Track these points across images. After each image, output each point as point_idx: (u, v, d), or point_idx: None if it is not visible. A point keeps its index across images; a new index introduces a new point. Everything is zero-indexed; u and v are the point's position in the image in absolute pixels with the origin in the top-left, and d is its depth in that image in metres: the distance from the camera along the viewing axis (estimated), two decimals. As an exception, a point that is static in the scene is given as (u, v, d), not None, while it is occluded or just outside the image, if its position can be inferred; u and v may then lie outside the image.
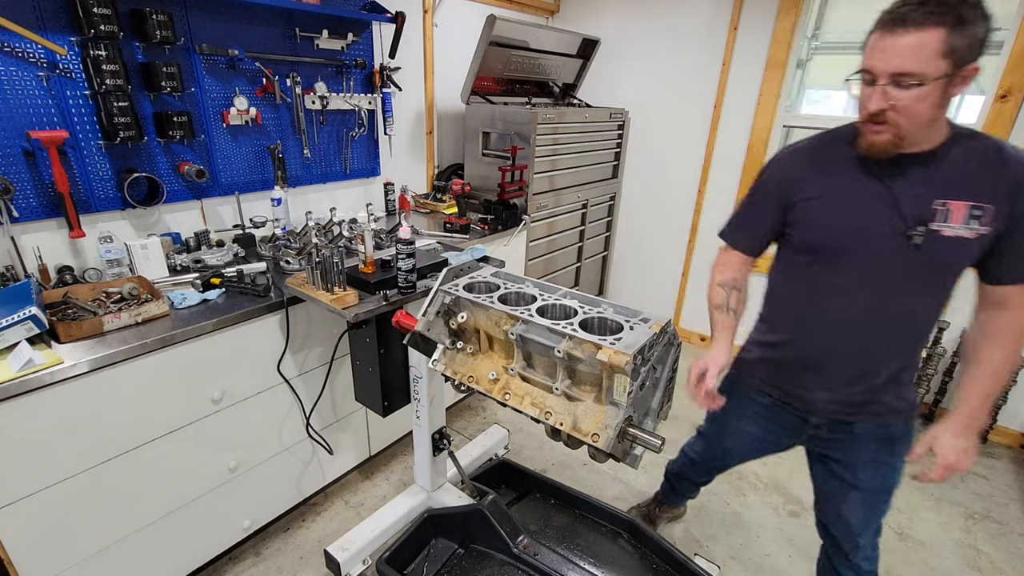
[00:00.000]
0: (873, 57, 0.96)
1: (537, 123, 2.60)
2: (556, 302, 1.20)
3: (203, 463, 1.60)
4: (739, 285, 1.33)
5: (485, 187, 2.77)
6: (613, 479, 2.28)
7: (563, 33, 3.08)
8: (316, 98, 2.21)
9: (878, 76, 0.95)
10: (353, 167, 2.51)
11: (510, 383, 1.17)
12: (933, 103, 0.94)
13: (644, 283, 3.65)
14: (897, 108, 0.95)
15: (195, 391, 1.52)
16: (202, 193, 2.00)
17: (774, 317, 1.33)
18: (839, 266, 1.12)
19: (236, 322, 1.54)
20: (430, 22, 2.71)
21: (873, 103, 0.97)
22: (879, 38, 0.95)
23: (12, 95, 1.51)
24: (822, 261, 1.15)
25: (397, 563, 1.65)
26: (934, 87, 0.92)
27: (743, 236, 1.33)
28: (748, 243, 1.32)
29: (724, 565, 1.88)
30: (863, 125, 1.03)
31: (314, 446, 1.93)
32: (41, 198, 1.61)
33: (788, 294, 1.27)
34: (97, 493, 1.38)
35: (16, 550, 1.26)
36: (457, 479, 2.01)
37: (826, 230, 1.13)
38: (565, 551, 1.70)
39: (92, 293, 1.52)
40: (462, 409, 2.72)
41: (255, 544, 1.90)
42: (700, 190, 3.22)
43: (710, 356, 1.24)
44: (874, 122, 0.99)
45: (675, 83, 3.15)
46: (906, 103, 0.94)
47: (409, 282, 1.61)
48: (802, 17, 2.70)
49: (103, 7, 1.52)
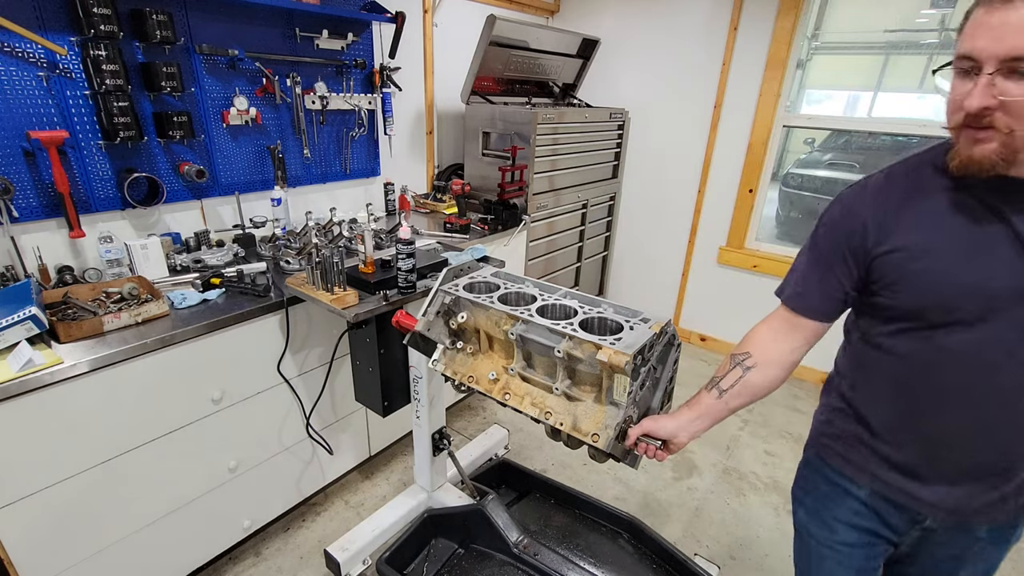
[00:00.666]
0: (977, 37, 0.71)
1: (537, 123, 2.60)
2: (556, 302, 1.20)
3: (203, 463, 1.60)
4: (752, 363, 1.00)
5: (485, 187, 2.77)
6: (613, 479, 2.28)
7: (563, 33, 3.08)
8: (316, 98, 2.21)
9: (983, 63, 0.71)
10: (353, 167, 2.51)
11: (510, 383, 1.17)
12: None
13: (644, 283, 3.65)
14: (1008, 107, 0.70)
15: (195, 391, 1.52)
16: (202, 193, 2.00)
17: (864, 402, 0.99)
18: (952, 338, 0.84)
19: (236, 322, 1.54)
20: (430, 22, 2.71)
21: (975, 99, 0.72)
22: (986, 13, 0.71)
23: (12, 95, 1.50)
24: (925, 332, 0.86)
25: (397, 563, 1.65)
26: None
27: (810, 295, 0.97)
28: (815, 303, 0.97)
29: (724, 565, 1.88)
30: (958, 132, 0.77)
31: (314, 446, 1.93)
32: (41, 198, 1.61)
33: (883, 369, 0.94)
34: (97, 493, 1.38)
35: (16, 550, 1.26)
36: (457, 479, 2.01)
37: (923, 292, 0.84)
38: (565, 551, 1.70)
39: (92, 293, 1.52)
40: (462, 409, 2.72)
41: (255, 544, 1.90)
42: (700, 190, 3.22)
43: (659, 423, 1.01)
44: (975, 127, 0.74)
45: (675, 83, 3.15)
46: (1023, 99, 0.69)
47: (409, 282, 1.61)
48: (802, 17, 2.70)
49: (103, 7, 1.52)
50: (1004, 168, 0.74)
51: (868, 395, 0.98)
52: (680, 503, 2.17)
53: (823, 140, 4.20)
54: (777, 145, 2.94)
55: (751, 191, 3.02)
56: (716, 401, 1.00)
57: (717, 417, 1.01)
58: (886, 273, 0.87)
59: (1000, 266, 0.78)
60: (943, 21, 2.56)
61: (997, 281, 0.78)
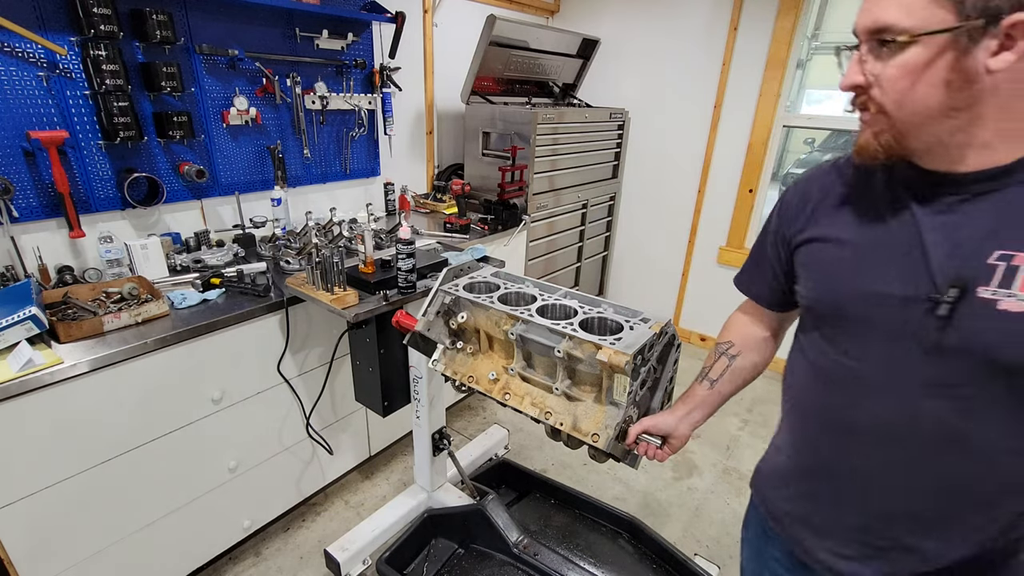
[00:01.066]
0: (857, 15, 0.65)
1: (537, 123, 2.60)
2: (556, 302, 1.20)
3: (203, 463, 1.60)
4: (736, 351, 0.98)
5: (485, 187, 2.77)
6: (613, 479, 2.28)
7: (563, 33, 3.08)
8: (316, 98, 2.21)
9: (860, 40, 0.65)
10: (353, 167, 2.51)
11: (510, 383, 1.17)
12: (939, 78, 0.59)
13: (644, 283, 3.65)
14: (881, 84, 0.63)
15: (195, 391, 1.52)
16: (202, 193, 2.00)
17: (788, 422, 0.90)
18: (853, 345, 0.74)
19: (236, 322, 1.54)
20: (430, 22, 2.71)
21: (845, 77, 0.67)
22: None
23: (12, 95, 1.50)
24: (828, 336, 0.78)
25: (397, 563, 1.65)
26: (932, 50, 0.58)
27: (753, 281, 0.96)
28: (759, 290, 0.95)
29: (724, 565, 1.88)
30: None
31: (314, 446, 1.93)
32: (41, 198, 1.61)
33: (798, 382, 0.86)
34: (97, 493, 1.38)
35: (16, 550, 1.26)
36: (457, 479, 2.01)
37: (825, 288, 0.77)
38: (565, 551, 1.70)
39: (92, 293, 1.52)
40: (462, 409, 2.72)
41: (255, 544, 1.90)
42: (700, 190, 3.22)
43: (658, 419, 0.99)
44: (860, 109, 0.68)
45: (675, 83, 3.15)
46: (890, 74, 0.61)
47: (409, 282, 1.61)
48: (802, 17, 2.69)
49: (103, 7, 1.52)
50: (897, 153, 0.66)
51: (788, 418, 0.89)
52: (680, 503, 2.17)
53: (823, 140, 4.19)
54: (777, 145, 2.93)
55: (751, 191, 3.03)
56: (708, 392, 0.98)
57: (712, 405, 0.99)
58: (800, 262, 0.82)
59: (893, 270, 0.68)
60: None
61: (885, 287, 0.69)
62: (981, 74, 0.57)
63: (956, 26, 0.56)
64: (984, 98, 0.59)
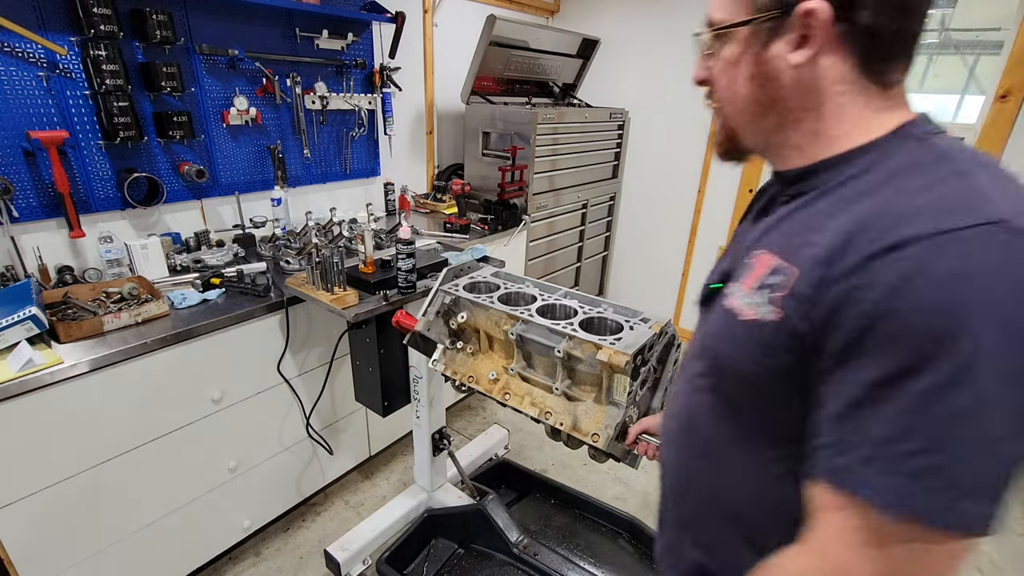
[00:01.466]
0: None
1: (537, 123, 2.60)
2: (556, 302, 1.20)
3: (203, 463, 1.60)
4: None
5: (485, 187, 2.77)
6: (613, 479, 2.28)
7: (563, 33, 3.08)
8: (316, 98, 2.21)
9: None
10: (353, 167, 2.51)
11: (510, 383, 1.18)
12: (748, 72, 0.58)
13: (644, 283, 3.65)
14: (713, 78, 0.63)
15: (195, 391, 1.52)
16: (202, 193, 2.00)
17: None
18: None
19: (236, 322, 1.54)
20: (430, 22, 2.71)
21: (694, 72, 0.66)
22: None
23: (12, 95, 1.50)
24: None
25: (397, 563, 1.65)
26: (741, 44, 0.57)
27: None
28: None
29: (724, 565, 1.87)
30: None
31: (314, 446, 1.93)
32: (41, 198, 1.61)
33: None
34: (97, 493, 1.38)
35: (16, 550, 1.26)
36: (457, 479, 2.01)
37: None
38: (565, 551, 1.70)
39: (92, 293, 1.52)
40: (462, 409, 2.72)
41: (255, 544, 1.90)
42: (700, 190, 3.22)
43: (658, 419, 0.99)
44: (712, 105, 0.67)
45: (675, 83, 3.14)
46: (716, 69, 0.62)
47: (409, 282, 1.61)
48: (802, 17, 2.69)
49: (103, 7, 1.52)
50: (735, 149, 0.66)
51: None
52: (680, 503, 2.16)
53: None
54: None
55: (751, 191, 3.02)
56: None
57: None
58: None
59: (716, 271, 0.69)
60: (943, 21, 2.56)
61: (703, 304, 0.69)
62: (784, 69, 0.55)
63: (752, 18, 0.55)
64: (792, 95, 0.56)
